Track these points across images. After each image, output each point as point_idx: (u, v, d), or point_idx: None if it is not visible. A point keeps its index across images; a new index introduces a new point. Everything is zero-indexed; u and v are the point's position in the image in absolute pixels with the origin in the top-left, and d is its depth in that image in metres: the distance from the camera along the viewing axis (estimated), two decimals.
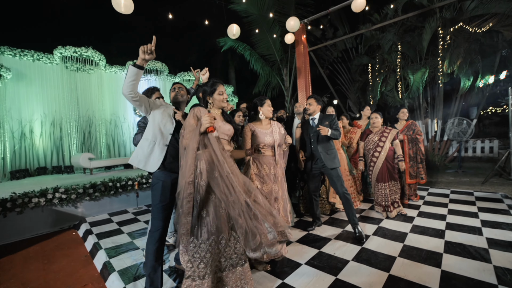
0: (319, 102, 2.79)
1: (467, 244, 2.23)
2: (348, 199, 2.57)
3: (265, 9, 8.57)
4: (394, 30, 6.76)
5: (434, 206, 3.43)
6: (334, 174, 2.62)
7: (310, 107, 2.76)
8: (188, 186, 1.52)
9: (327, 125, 2.66)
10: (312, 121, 2.80)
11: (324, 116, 2.75)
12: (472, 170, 6.45)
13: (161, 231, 1.70)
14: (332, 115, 2.74)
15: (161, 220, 1.70)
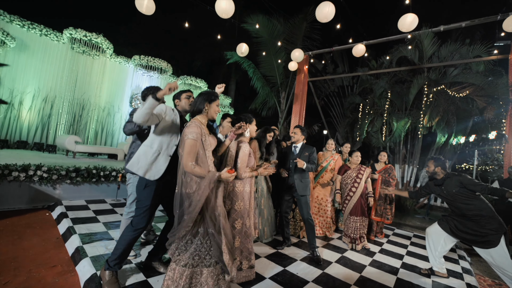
0: (304, 133, 3.09)
1: (415, 283, 2.48)
2: (311, 224, 2.83)
3: (274, 35, 9.14)
4: (386, 78, 7.42)
5: (395, 245, 3.71)
6: (303, 200, 2.89)
7: (294, 136, 3.07)
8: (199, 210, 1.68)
9: (306, 156, 2.95)
10: (294, 148, 3.09)
11: (306, 147, 3.04)
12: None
13: (143, 229, 1.85)
14: (312, 148, 3.01)
15: (147, 220, 1.84)
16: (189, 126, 1.77)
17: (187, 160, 1.68)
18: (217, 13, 4.06)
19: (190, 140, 1.72)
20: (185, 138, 1.73)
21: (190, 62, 16.11)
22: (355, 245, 3.32)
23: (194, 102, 1.92)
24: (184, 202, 1.71)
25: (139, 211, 1.83)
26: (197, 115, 1.91)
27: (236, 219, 2.22)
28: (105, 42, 7.43)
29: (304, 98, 8.79)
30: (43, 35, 6.87)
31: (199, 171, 1.67)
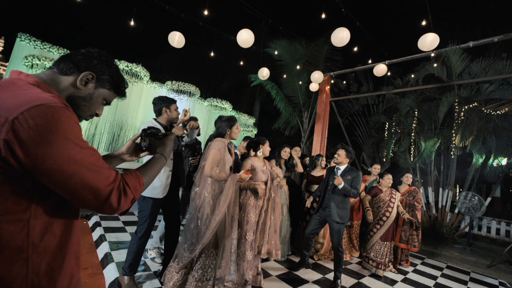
0: (349, 155, 2.90)
1: None
2: (340, 256, 2.70)
3: (296, 58, 9.52)
4: (413, 97, 7.16)
5: (422, 276, 3.41)
6: (336, 227, 2.74)
7: (338, 158, 2.91)
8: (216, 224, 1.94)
9: (349, 179, 2.76)
10: (337, 170, 2.93)
11: (350, 170, 2.83)
12: (483, 251, 6.12)
13: (146, 237, 2.09)
14: (357, 172, 2.80)
15: (149, 228, 2.07)
16: (214, 141, 2.14)
17: (209, 166, 2.00)
18: (238, 43, 4.47)
19: (214, 150, 2.07)
20: (210, 149, 2.08)
21: (218, 85, 17.20)
22: (379, 270, 3.15)
23: (218, 126, 2.25)
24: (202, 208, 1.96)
25: (141, 220, 2.05)
26: (219, 137, 2.22)
27: (248, 230, 2.34)
28: (143, 71, 8.42)
29: (326, 118, 8.78)
30: None
31: (222, 175, 2.00)
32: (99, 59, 0.78)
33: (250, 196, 2.50)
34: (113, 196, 0.64)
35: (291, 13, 17.23)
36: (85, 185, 0.59)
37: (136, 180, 0.75)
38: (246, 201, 2.49)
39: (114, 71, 0.82)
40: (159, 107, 2.15)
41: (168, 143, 0.98)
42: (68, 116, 0.61)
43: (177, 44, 5.07)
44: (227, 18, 14.24)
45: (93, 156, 0.64)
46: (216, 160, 2.04)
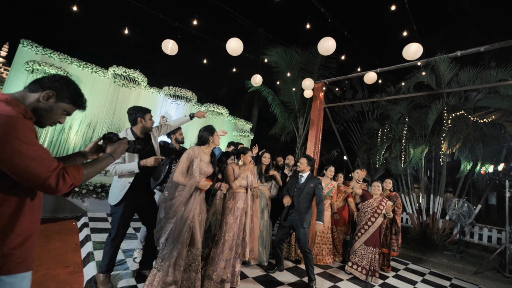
0: (310, 163, 3.11)
1: None
2: (308, 257, 2.80)
3: (292, 65, 9.71)
4: (404, 104, 7.27)
5: (402, 281, 3.46)
6: (302, 232, 2.86)
7: (301, 165, 3.09)
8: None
9: (311, 187, 2.94)
10: (300, 177, 3.09)
11: (312, 178, 3.02)
12: (473, 258, 6.11)
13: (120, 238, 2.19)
14: (318, 180, 3.00)
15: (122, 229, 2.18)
16: (187, 150, 2.30)
17: (177, 172, 2.17)
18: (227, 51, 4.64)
19: (182, 158, 2.24)
20: (183, 155, 2.26)
21: (217, 91, 17.43)
22: (373, 277, 3.20)
23: (200, 135, 2.40)
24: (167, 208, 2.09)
25: (114, 224, 2.14)
26: (202, 145, 2.39)
27: (227, 232, 2.46)
28: (141, 76, 8.63)
29: (320, 124, 8.89)
30: (93, 72, 8.27)
31: (182, 180, 2.15)
32: (60, 81, 1.03)
33: (229, 199, 2.62)
34: (52, 180, 0.87)
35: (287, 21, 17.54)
36: (28, 170, 0.83)
37: (76, 171, 0.97)
38: (224, 204, 2.60)
39: (72, 90, 1.06)
40: (134, 117, 2.22)
41: (118, 146, 1.21)
42: (22, 123, 0.86)
43: (170, 51, 5.24)
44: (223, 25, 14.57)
45: (39, 151, 0.87)
46: (183, 167, 2.19)
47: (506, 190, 4.89)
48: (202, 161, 2.31)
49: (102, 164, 1.11)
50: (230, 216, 2.57)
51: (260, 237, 3.26)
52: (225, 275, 2.44)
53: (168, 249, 2.04)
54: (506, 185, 4.91)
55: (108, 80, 8.46)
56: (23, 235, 0.92)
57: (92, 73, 8.22)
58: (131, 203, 2.17)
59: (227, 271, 2.47)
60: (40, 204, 1.03)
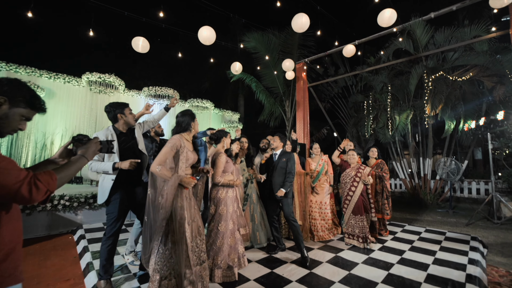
0: (282, 140, 3.28)
1: (406, 277, 2.44)
2: (294, 225, 2.90)
3: (271, 48, 9.54)
4: (385, 73, 7.33)
5: (400, 242, 3.60)
6: (284, 202, 3.01)
7: (274, 143, 3.25)
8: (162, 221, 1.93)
9: (284, 161, 3.10)
10: (274, 155, 3.27)
11: (284, 153, 3.19)
12: (464, 212, 6.42)
13: (115, 236, 2.19)
14: (290, 154, 3.17)
15: (117, 227, 2.18)
16: (170, 138, 2.09)
17: (155, 162, 1.93)
18: (200, 41, 4.48)
19: (165, 147, 2.01)
20: (166, 145, 2.04)
21: (200, 85, 17.06)
22: (367, 243, 3.29)
23: (180, 122, 2.19)
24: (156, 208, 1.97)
25: (109, 222, 2.13)
26: (183, 133, 2.18)
27: (220, 221, 2.45)
28: (117, 80, 8.30)
29: (306, 104, 8.89)
30: (66, 82, 7.90)
31: (164, 173, 1.91)
32: (10, 85, 0.95)
33: (228, 189, 2.60)
34: (23, 189, 0.84)
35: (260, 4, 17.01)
36: None
37: (49, 176, 0.93)
38: (224, 195, 2.57)
39: (26, 93, 0.99)
40: (113, 114, 2.19)
41: (90, 146, 1.15)
42: None
43: (141, 49, 5.03)
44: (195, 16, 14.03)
45: (2, 162, 0.83)
46: (164, 158, 1.98)
47: (489, 142, 5.08)
48: (188, 151, 2.19)
49: (75, 166, 1.06)
50: (223, 206, 2.55)
51: (252, 220, 3.31)
52: (231, 261, 2.47)
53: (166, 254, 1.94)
54: (488, 138, 5.10)
55: (84, 89, 8.12)
56: (6, 248, 0.90)
57: (65, 83, 7.86)
58: (123, 199, 2.14)
59: (234, 257, 2.51)
60: (18, 215, 1.00)
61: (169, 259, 1.92)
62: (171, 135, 2.16)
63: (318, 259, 2.89)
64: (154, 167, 1.91)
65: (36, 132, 7.26)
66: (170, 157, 2.05)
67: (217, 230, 2.48)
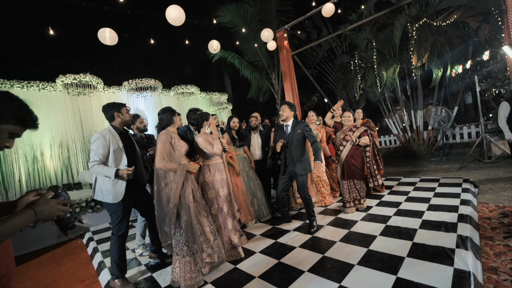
0: (292, 108, 2.96)
1: (402, 226, 2.57)
2: (308, 202, 2.88)
3: (248, 19, 9.06)
4: (368, 29, 7.05)
5: (396, 195, 3.74)
6: (300, 180, 2.87)
7: (283, 113, 2.92)
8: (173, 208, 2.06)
9: (299, 133, 2.84)
10: (286, 127, 2.97)
11: (297, 124, 2.90)
12: (457, 157, 6.62)
13: (124, 235, 2.24)
14: (304, 123, 2.90)
15: (124, 226, 2.23)
16: (159, 135, 2.20)
17: (158, 159, 2.09)
18: (169, 23, 4.20)
19: (159, 144, 2.15)
20: (157, 143, 2.16)
21: (182, 70, 16.45)
22: (360, 204, 3.27)
23: (162, 118, 2.30)
24: (163, 200, 2.08)
25: (115, 221, 2.17)
26: (167, 127, 2.30)
27: (212, 205, 2.50)
28: (94, 79, 7.94)
29: (292, 74, 8.68)
30: (41, 89, 7.55)
31: (171, 165, 2.09)
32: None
33: (215, 172, 2.60)
34: None
35: None
36: None
37: None
38: (211, 178, 2.58)
39: (16, 108, 0.89)
40: (111, 113, 2.25)
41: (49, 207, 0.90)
42: None
43: (110, 41, 4.75)
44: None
45: None
46: (164, 152, 2.11)
47: (476, 85, 5.07)
48: (179, 141, 2.27)
49: (18, 220, 0.81)
50: (220, 188, 2.57)
51: (254, 197, 3.38)
52: (234, 240, 2.56)
53: (183, 237, 2.06)
54: (476, 81, 5.08)
55: (61, 93, 7.78)
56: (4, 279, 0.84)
57: (40, 90, 7.50)
58: (130, 196, 2.20)
59: (234, 237, 2.60)
60: (8, 241, 0.90)
61: (187, 239, 2.07)
62: (157, 133, 2.26)
63: (319, 224, 3.01)
64: (159, 163, 2.07)
65: (23, 146, 7.09)
66: (168, 150, 2.13)
67: (210, 213, 2.53)
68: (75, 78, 7.57)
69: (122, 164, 2.18)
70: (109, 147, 2.12)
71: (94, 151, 2.08)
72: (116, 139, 2.18)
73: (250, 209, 3.34)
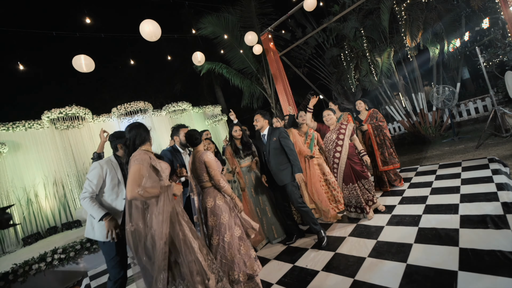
0: (266, 116, 2.77)
1: (439, 228, 2.18)
2: (305, 211, 2.54)
3: (230, 27, 8.89)
4: (354, 17, 6.81)
5: (418, 188, 3.35)
6: (288, 189, 2.58)
7: (257, 124, 2.74)
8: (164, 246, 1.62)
9: (275, 141, 2.61)
10: (263, 137, 2.79)
11: (272, 131, 2.69)
12: (469, 135, 6.24)
13: (122, 279, 1.95)
14: (279, 129, 2.66)
15: (120, 269, 1.95)
16: (132, 156, 1.74)
17: (132, 187, 1.57)
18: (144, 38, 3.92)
19: (133, 166, 1.65)
20: (130, 166, 1.69)
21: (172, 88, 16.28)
22: (365, 214, 2.81)
23: (133, 137, 1.86)
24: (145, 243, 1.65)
25: (110, 264, 1.90)
26: (141, 146, 1.85)
27: (226, 232, 2.13)
28: (80, 110, 7.67)
29: (283, 75, 8.41)
30: (28, 128, 7.27)
31: (152, 191, 1.62)
32: None
33: (215, 197, 2.23)
34: None
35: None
36: None
37: None
38: (211, 204, 2.22)
39: None
40: (114, 144, 2.18)
41: None
42: None
43: (86, 68, 4.48)
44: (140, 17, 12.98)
45: None
46: (139, 177, 1.64)
47: (479, 56, 4.75)
48: (159, 161, 1.87)
49: None
50: (225, 213, 2.21)
51: (264, 215, 2.98)
52: (250, 269, 2.17)
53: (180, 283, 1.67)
54: (478, 52, 4.76)
55: (49, 130, 7.49)
56: None
57: (27, 129, 7.22)
58: (119, 235, 1.90)
59: (251, 264, 2.21)
60: None
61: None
62: (127, 157, 1.80)
63: (339, 235, 2.62)
64: (134, 192, 1.56)
65: (14, 190, 6.75)
66: (145, 173, 1.70)
67: (223, 243, 2.16)
68: (60, 112, 7.30)
69: (120, 198, 2.00)
70: (105, 178, 1.96)
71: (88, 181, 1.95)
72: (115, 170, 2.02)
73: (260, 229, 2.96)
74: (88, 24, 4.55)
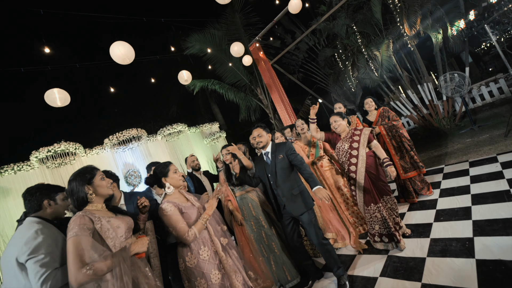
0: (266, 130, 2.25)
1: (508, 260, 1.59)
2: (326, 249, 2.00)
3: (217, 43, 8.70)
4: (343, 14, 6.44)
5: (452, 195, 2.76)
6: (304, 220, 2.03)
7: (261, 139, 2.17)
8: None
9: (282, 158, 2.09)
10: (266, 156, 2.21)
11: (277, 147, 2.17)
12: (489, 122, 5.63)
13: None
14: (285, 144, 2.16)
15: None
16: (70, 224, 1.28)
17: (75, 270, 1.14)
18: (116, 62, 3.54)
19: (70, 241, 1.21)
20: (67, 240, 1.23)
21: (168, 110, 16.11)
22: (396, 243, 2.18)
23: (71, 191, 1.42)
24: None
25: None
26: (83, 208, 1.38)
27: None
28: (70, 146, 7.32)
29: (277, 83, 8.04)
30: (17, 171, 6.92)
31: (100, 266, 1.18)
32: None
33: (198, 250, 1.69)
34: None
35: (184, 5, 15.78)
36: None
37: None
38: (194, 263, 1.65)
39: None
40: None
41: None
42: None
43: (61, 102, 4.14)
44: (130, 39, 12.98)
45: None
46: (81, 254, 1.18)
47: (490, 35, 4.25)
48: (111, 218, 1.38)
49: None
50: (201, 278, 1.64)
51: (271, 253, 2.41)
52: None
53: None
54: (488, 30, 4.26)
55: (39, 170, 7.13)
56: None
57: (16, 172, 6.87)
58: None
59: None
60: None
61: None
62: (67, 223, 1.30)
63: (367, 275, 2.03)
64: (80, 275, 1.14)
65: (6, 239, 6.30)
66: (87, 245, 1.22)
67: None
68: (49, 150, 6.94)
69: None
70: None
71: None
72: None
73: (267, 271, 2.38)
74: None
